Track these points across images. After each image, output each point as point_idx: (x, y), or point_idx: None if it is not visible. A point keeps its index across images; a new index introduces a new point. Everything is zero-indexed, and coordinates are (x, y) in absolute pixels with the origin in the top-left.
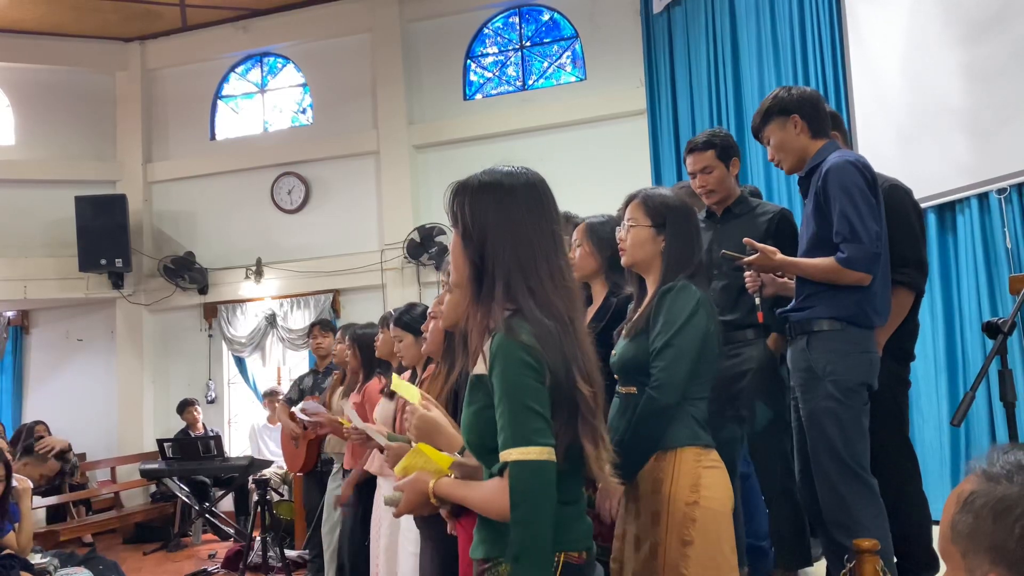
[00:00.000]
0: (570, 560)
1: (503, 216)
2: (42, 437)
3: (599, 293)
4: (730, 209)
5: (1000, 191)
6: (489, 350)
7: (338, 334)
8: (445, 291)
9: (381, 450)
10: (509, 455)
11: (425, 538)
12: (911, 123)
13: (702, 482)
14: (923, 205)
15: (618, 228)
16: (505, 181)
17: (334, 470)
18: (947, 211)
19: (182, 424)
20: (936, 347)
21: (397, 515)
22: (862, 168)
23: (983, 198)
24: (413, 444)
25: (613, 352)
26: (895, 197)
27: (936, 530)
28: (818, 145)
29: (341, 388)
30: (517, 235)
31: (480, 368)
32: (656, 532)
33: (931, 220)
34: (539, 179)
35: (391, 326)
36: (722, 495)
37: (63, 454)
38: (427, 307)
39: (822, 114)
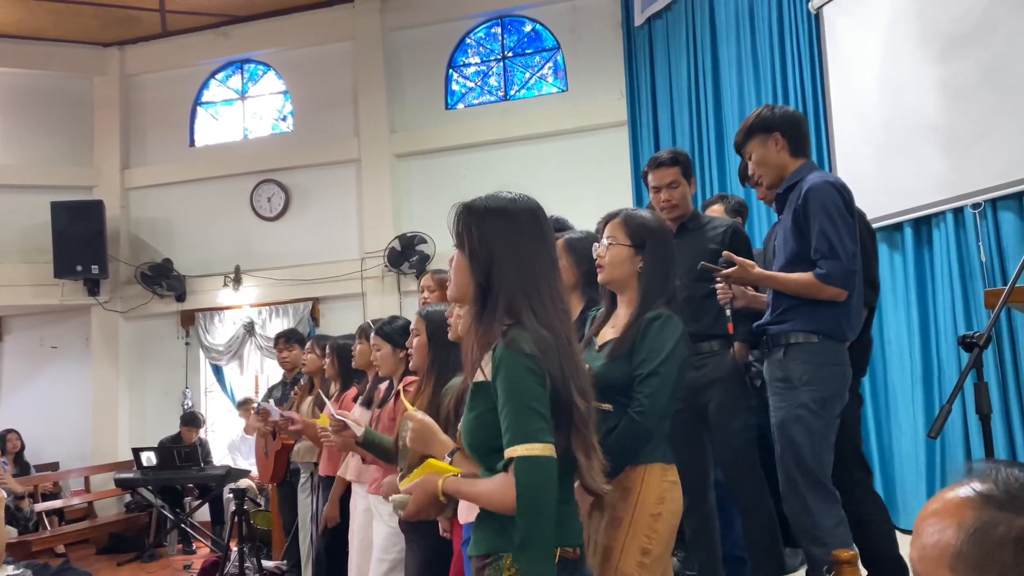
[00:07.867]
0: (566, 555)
1: (508, 240)
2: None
3: (575, 307)
4: (684, 225)
5: (975, 206)
6: (492, 360)
7: (308, 344)
8: (453, 308)
9: (364, 460)
10: (515, 451)
11: (410, 542)
12: (888, 138)
13: (666, 496)
14: (899, 219)
15: (596, 244)
16: (510, 208)
17: (302, 480)
18: (923, 225)
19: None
20: (912, 360)
21: (405, 517)
22: (840, 189)
23: (958, 213)
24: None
25: (587, 366)
26: None
27: (900, 537)
28: (797, 164)
29: (310, 397)
30: (520, 259)
31: (481, 377)
32: (613, 536)
33: (907, 234)
34: (538, 206)
35: (372, 336)
36: (677, 510)
37: (19, 502)
38: (409, 321)
39: (802, 135)
